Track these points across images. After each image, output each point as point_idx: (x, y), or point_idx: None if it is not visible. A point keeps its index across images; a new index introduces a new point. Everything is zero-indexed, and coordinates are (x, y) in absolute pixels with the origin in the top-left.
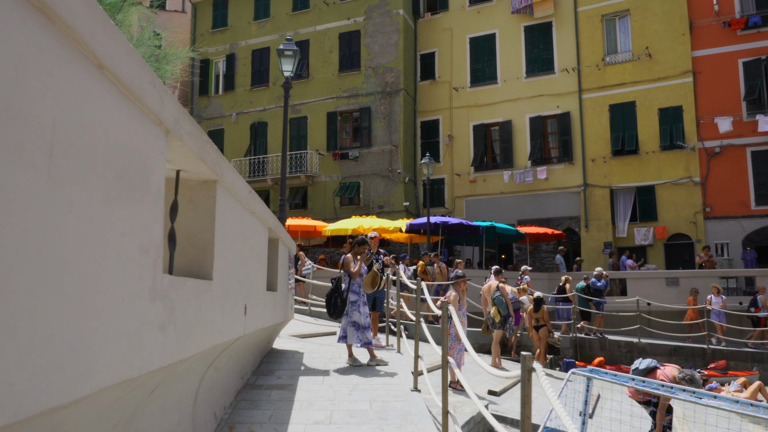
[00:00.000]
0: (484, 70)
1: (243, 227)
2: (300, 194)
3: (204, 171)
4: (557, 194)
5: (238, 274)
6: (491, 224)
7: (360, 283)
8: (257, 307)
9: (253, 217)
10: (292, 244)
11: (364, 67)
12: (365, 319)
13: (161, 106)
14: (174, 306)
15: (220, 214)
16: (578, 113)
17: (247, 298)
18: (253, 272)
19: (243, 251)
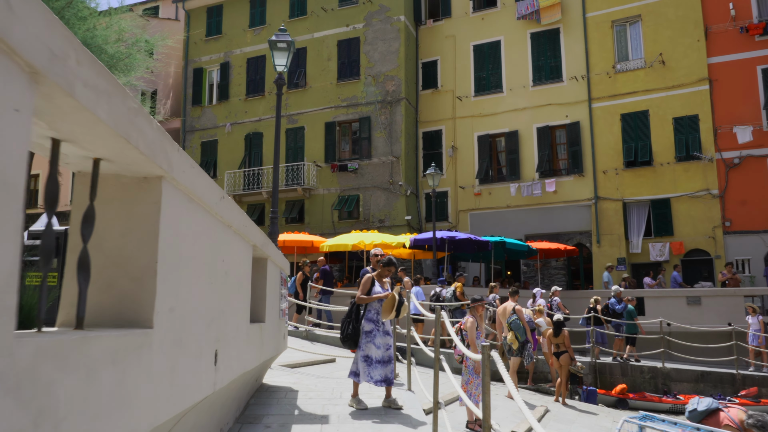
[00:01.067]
0: (488, 79)
1: (213, 246)
2: (296, 208)
3: (137, 161)
4: (567, 208)
5: (204, 311)
6: (500, 239)
7: (378, 309)
8: (236, 348)
9: (228, 232)
10: (284, 263)
11: (364, 76)
12: (384, 352)
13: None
14: (45, 401)
15: (168, 227)
16: (588, 123)
17: (219, 341)
18: (230, 304)
19: (213, 278)
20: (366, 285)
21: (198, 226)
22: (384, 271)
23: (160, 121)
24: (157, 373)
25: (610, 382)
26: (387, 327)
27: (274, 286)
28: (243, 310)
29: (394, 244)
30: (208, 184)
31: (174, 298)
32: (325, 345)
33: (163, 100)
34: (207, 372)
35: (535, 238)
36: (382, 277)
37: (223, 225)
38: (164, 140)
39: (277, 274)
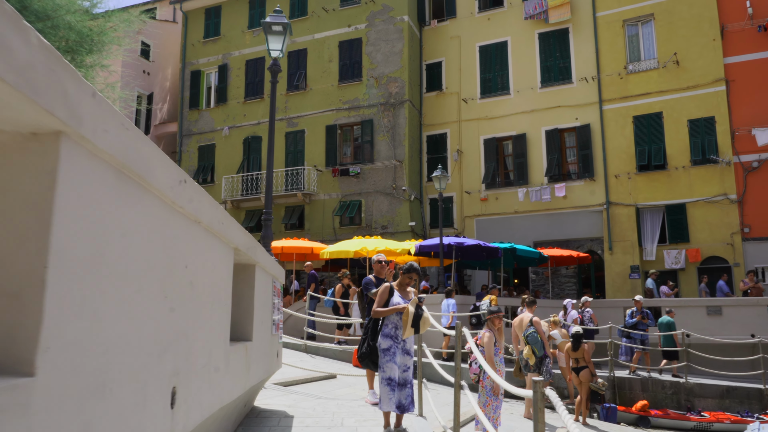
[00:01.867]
0: (495, 81)
1: (169, 247)
2: (296, 214)
3: (5, 101)
4: (577, 213)
5: (152, 336)
6: (510, 246)
7: (397, 323)
8: (208, 378)
9: (195, 230)
10: (278, 270)
11: (366, 77)
12: (400, 374)
13: None
14: None
15: (73, 213)
16: (599, 125)
17: (179, 374)
18: (199, 322)
19: (169, 290)
20: (383, 296)
21: (141, 218)
22: (404, 278)
23: (156, 125)
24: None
25: (629, 398)
26: (408, 345)
27: (265, 298)
28: (219, 328)
29: (398, 250)
30: (156, 157)
31: (84, 323)
32: (325, 359)
33: (160, 103)
34: (158, 420)
35: (544, 245)
36: (403, 286)
37: (187, 220)
38: (63, 72)
39: (268, 283)
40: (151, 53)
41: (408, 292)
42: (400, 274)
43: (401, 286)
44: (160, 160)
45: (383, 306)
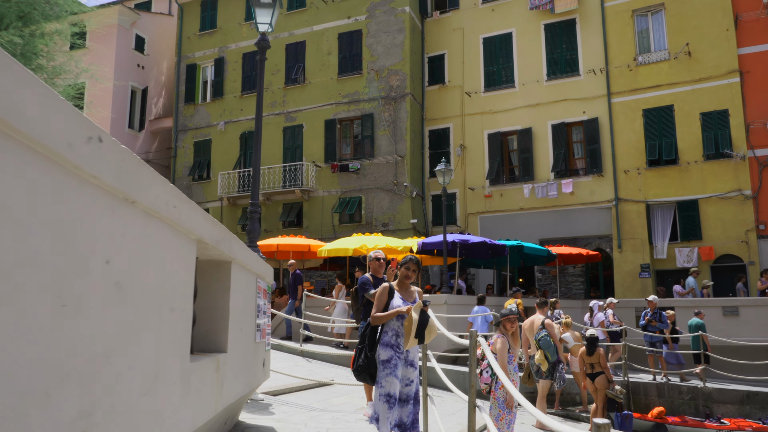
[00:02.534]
0: (499, 73)
1: (71, 232)
2: (294, 211)
3: None
4: (585, 210)
5: (35, 364)
6: (517, 243)
7: (398, 330)
8: (153, 411)
9: (126, 212)
10: (263, 268)
11: (366, 70)
12: (406, 387)
13: None
14: None
15: None
16: (608, 119)
17: (92, 413)
18: (134, 337)
19: (71, 296)
20: (382, 298)
21: (10, 188)
22: (403, 272)
23: (151, 120)
24: None
25: (645, 404)
26: (412, 355)
27: (246, 300)
28: (173, 341)
29: (399, 248)
30: (37, 92)
31: None
32: (322, 363)
33: (155, 98)
34: None
35: (551, 242)
36: (404, 285)
37: (108, 197)
38: None
39: (250, 283)
40: (145, 47)
41: (411, 292)
42: (397, 270)
43: (402, 285)
44: (47, 98)
45: (383, 310)
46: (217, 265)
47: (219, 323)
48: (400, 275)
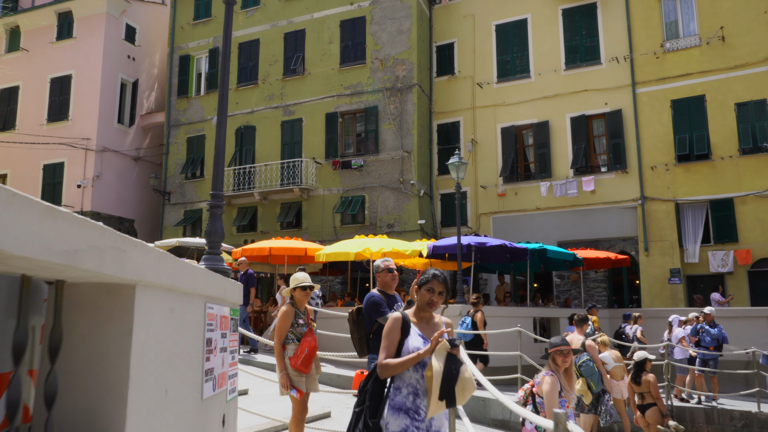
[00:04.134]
0: (513, 63)
1: None
2: (293, 211)
3: None
4: (607, 210)
5: None
6: (540, 246)
7: (417, 386)
8: None
9: None
10: (225, 287)
11: (370, 60)
12: None
13: None
14: None
15: None
16: (632, 111)
17: None
18: None
19: None
20: (391, 335)
21: None
22: (424, 296)
23: (142, 115)
24: None
25: (691, 431)
26: (437, 424)
27: (178, 341)
28: None
29: (407, 252)
30: None
31: None
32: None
33: (147, 91)
34: None
35: (570, 245)
36: (425, 316)
37: None
38: None
39: (191, 312)
40: (136, 37)
41: (434, 324)
42: (415, 291)
43: (422, 315)
44: None
45: (394, 354)
46: (108, 292)
47: (111, 391)
48: (419, 300)
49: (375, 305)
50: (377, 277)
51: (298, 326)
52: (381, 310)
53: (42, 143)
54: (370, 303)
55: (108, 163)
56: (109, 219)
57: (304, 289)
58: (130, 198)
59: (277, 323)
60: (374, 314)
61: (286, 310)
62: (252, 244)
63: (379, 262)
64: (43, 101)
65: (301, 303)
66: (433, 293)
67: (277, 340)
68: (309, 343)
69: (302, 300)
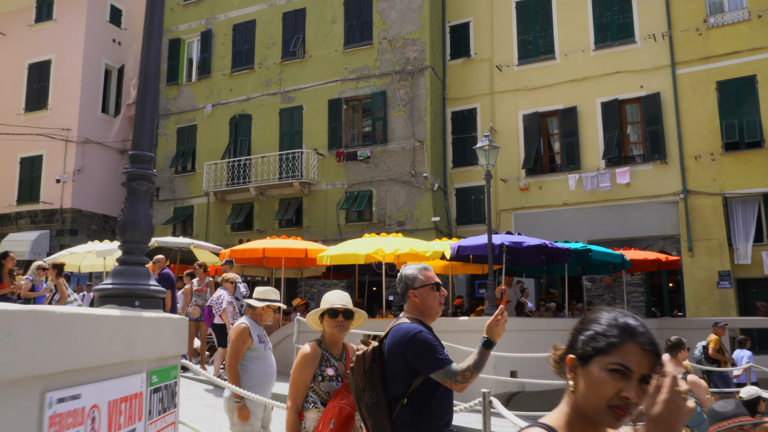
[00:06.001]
0: (536, 43)
1: None
2: (293, 207)
3: None
4: (644, 205)
5: None
6: (583, 247)
7: None
8: None
9: None
10: (130, 331)
11: (378, 40)
12: None
13: None
14: None
15: None
16: (672, 94)
17: None
18: None
19: None
20: None
21: None
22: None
23: (129, 104)
24: None
25: None
26: None
27: None
28: None
29: (427, 253)
30: None
31: None
32: None
33: (134, 79)
34: None
35: (602, 245)
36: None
37: None
38: None
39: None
40: (122, 19)
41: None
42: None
43: None
44: None
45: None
46: None
47: None
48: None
49: (427, 347)
50: (411, 295)
51: (324, 379)
52: (438, 356)
53: (18, 134)
54: (416, 343)
55: (91, 155)
56: (92, 216)
57: (335, 316)
58: (115, 194)
59: (231, 346)
60: (427, 364)
61: (309, 352)
62: (243, 244)
63: (414, 270)
64: (21, 89)
65: (335, 341)
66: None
67: (231, 370)
68: (339, 411)
69: (335, 336)
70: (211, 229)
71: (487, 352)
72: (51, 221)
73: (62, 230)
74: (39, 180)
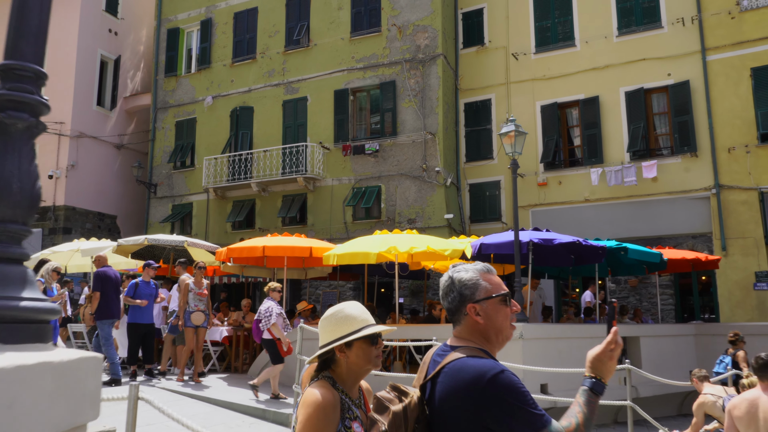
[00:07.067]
0: (554, 29)
1: None
2: (297, 204)
3: None
4: (673, 201)
5: None
6: (617, 245)
7: None
8: None
9: None
10: None
11: (387, 27)
12: None
13: None
14: None
15: None
16: (702, 82)
17: None
18: None
19: None
20: None
21: None
22: None
23: (126, 97)
24: None
25: None
26: None
27: None
28: None
29: (446, 252)
30: None
31: None
32: None
33: (132, 71)
34: None
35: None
36: None
37: None
38: None
39: None
40: (119, 8)
41: None
42: None
43: None
44: None
45: None
46: None
47: None
48: None
49: (517, 397)
50: (471, 311)
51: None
52: (534, 411)
53: None
54: (500, 391)
55: (85, 150)
56: (87, 214)
57: (375, 343)
58: (112, 191)
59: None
60: (519, 425)
61: (329, 399)
62: (241, 242)
63: (474, 273)
64: None
65: (356, 379)
66: None
67: None
68: None
69: (362, 373)
70: (211, 227)
71: (597, 399)
72: (43, 219)
73: (55, 228)
74: None
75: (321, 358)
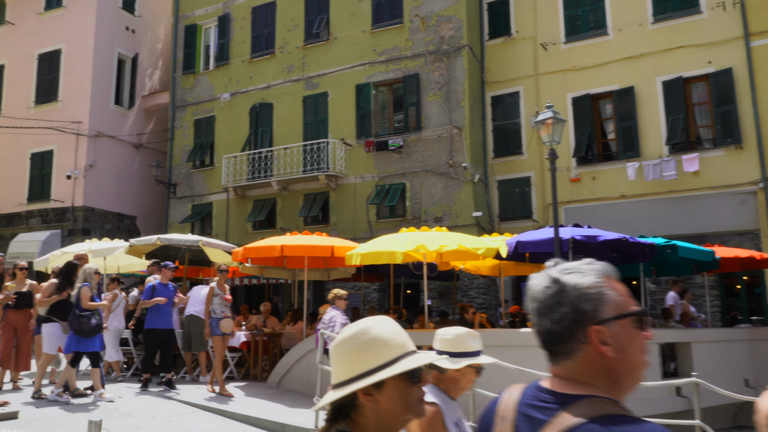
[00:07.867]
0: (585, 17)
1: None
2: (319, 203)
3: None
4: (716, 196)
5: None
6: (666, 242)
7: None
8: None
9: None
10: None
11: (409, 18)
12: None
13: None
14: None
15: None
16: (746, 69)
17: None
18: None
19: None
20: None
21: None
22: None
23: (144, 96)
24: None
25: None
26: None
27: None
28: None
29: (480, 251)
30: None
31: None
32: None
33: (150, 69)
34: None
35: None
36: None
37: None
38: None
39: None
40: (136, 5)
41: None
42: None
43: None
44: None
45: None
46: None
47: None
48: None
49: None
50: (594, 337)
51: None
52: None
53: (28, 128)
54: None
55: (103, 150)
56: (106, 215)
57: (418, 381)
58: (131, 191)
59: None
60: None
61: None
62: (258, 241)
63: (594, 279)
64: (31, 81)
65: (397, 414)
66: None
67: None
68: None
69: (398, 423)
70: (231, 227)
71: None
72: (62, 220)
73: (74, 230)
74: (50, 176)
75: (335, 403)
